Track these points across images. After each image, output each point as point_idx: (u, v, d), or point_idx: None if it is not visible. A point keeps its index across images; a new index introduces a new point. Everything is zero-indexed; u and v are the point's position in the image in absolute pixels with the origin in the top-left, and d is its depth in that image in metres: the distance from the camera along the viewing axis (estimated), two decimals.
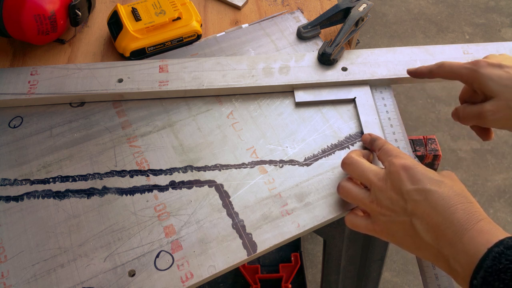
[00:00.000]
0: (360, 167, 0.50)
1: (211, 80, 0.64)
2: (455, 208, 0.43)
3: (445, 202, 0.44)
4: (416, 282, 1.37)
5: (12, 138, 0.61)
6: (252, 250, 0.51)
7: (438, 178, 0.46)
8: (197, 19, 0.71)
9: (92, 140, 0.60)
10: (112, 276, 0.49)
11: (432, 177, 0.46)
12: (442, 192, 0.44)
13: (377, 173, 0.49)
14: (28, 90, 0.63)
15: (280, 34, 0.72)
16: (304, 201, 0.55)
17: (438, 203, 0.44)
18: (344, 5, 0.69)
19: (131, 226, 0.53)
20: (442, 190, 0.45)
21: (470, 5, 2.11)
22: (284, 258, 1.27)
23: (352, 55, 0.67)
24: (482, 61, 0.53)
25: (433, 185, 0.45)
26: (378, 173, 0.49)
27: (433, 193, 0.44)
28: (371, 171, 0.49)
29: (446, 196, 0.44)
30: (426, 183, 0.45)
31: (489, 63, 0.52)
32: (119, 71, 0.65)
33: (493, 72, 0.51)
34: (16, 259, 0.51)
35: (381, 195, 0.47)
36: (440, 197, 0.44)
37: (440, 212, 0.43)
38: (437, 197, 0.44)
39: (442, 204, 0.44)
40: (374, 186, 0.48)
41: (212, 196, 0.55)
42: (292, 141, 0.60)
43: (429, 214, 0.44)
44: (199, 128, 0.61)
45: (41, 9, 0.63)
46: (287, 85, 0.64)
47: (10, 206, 0.55)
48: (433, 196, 0.44)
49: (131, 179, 0.57)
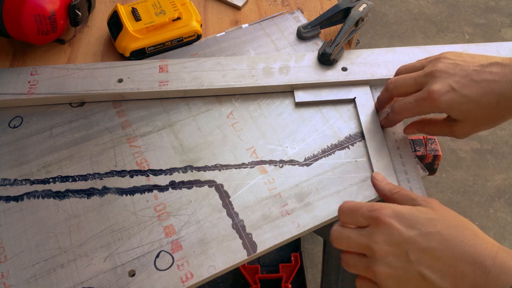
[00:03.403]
0: (346, 236, 0.45)
1: (211, 80, 0.64)
2: (464, 245, 0.40)
3: (449, 242, 0.40)
4: None
5: (12, 138, 0.61)
6: (252, 250, 0.51)
7: (430, 215, 0.42)
8: (197, 19, 0.71)
9: (92, 140, 0.60)
10: (112, 276, 0.49)
11: (422, 217, 0.42)
12: (442, 231, 0.41)
13: (362, 235, 0.44)
14: (28, 90, 0.63)
15: (280, 34, 0.72)
16: (304, 201, 0.55)
17: (443, 245, 0.40)
18: (344, 5, 0.69)
19: (131, 226, 0.53)
20: (439, 228, 0.41)
21: (470, 5, 2.11)
22: (284, 258, 1.27)
23: (352, 55, 0.67)
24: (436, 91, 0.49)
25: (429, 226, 0.41)
26: (364, 235, 0.44)
27: (434, 235, 0.41)
28: (359, 235, 0.44)
29: (447, 234, 0.40)
30: (422, 226, 0.41)
31: (440, 90, 0.49)
32: (119, 71, 0.65)
33: (450, 100, 0.49)
34: (16, 259, 0.51)
35: (378, 257, 0.42)
36: (443, 237, 0.40)
37: (450, 255, 0.40)
38: (438, 238, 0.40)
39: (448, 245, 0.40)
40: (367, 251, 0.44)
41: (212, 196, 0.55)
42: (292, 141, 0.60)
43: (438, 259, 0.40)
44: (199, 128, 0.61)
45: (41, 9, 0.63)
46: (287, 85, 0.64)
47: (10, 206, 0.55)
48: (434, 238, 0.41)
49: (131, 179, 0.57)
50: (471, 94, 0.48)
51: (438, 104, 0.49)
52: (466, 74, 0.49)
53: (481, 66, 0.49)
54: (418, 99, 0.51)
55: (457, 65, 0.50)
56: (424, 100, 0.50)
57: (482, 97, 0.48)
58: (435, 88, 0.49)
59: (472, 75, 0.49)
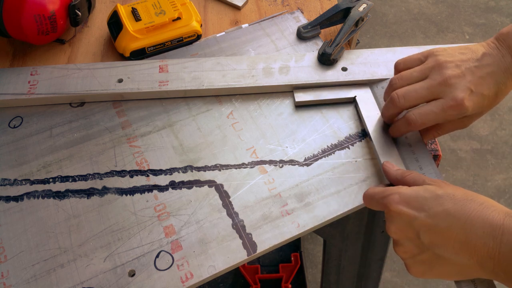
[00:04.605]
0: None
1: (211, 80, 0.64)
2: (471, 219, 0.41)
3: (457, 219, 0.42)
4: (416, 282, 1.37)
5: (12, 138, 0.61)
6: (252, 250, 0.51)
7: (436, 193, 0.44)
8: (197, 19, 0.71)
9: (92, 140, 0.60)
10: (112, 276, 0.49)
11: (428, 196, 0.44)
12: (449, 209, 0.42)
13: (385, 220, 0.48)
14: (28, 90, 0.63)
15: (280, 34, 0.72)
16: (304, 201, 0.55)
17: (451, 222, 0.42)
18: (344, 5, 0.69)
19: (131, 226, 0.53)
20: (446, 205, 0.43)
21: (470, 5, 2.11)
22: (284, 258, 1.27)
23: (352, 55, 0.67)
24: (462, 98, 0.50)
25: (436, 206, 0.43)
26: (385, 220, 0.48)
27: (441, 214, 0.43)
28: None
29: (454, 211, 0.42)
30: (429, 207, 0.43)
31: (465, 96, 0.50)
32: (119, 71, 0.65)
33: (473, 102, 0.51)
34: (16, 259, 0.51)
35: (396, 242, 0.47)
36: (450, 215, 0.42)
37: (460, 231, 0.41)
38: (446, 217, 0.42)
39: (456, 222, 0.42)
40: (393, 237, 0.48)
41: (212, 196, 0.55)
42: (292, 141, 0.60)
43: (449, 238, 0.42)
44: (199, 128, 0.61)
45: (41, 9, 0.63)
46: (287, 85, 0.64)
47: (10, 206, 0.55)
48: (442, 217, 0.42)
49: (131, 179, 0.57)
50: (484, 91, 0.51)
51: (465, 109, 0.51)
52: (472, 73, 0.51)
53: (478, 61, 0.52)
54: (445, 109, 0.51)
55: (459, 66, 0.52)
56: (452, 108, 0.51)
57: (490, 90, 0.51)
58: (460, 96, 0.50)
59: (477, 73, 0.51)
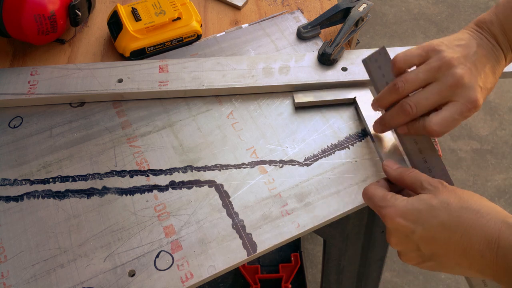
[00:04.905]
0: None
1: (211, 80, 0.64)
2: (467, 231, 0.42)
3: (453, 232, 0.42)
4: (416, 282, 1.37)
5: (12, 138, 0.61)
6: (252, 250, 0.51)
7: (431, 204, 0.44)
8: (197, 19, 0.71)
9: (92, 140, 0.60)
10: (112, 276, 0.49)
11: (423, 208, 0.44)
12: (444, 221, 0.43)
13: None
14: (28, 90, 0.63)
15: (280, 34, 0.72)
16: (304, 201, 0.55)
17: (448, 235, 0.43)
18: (344, 5, 0.69)
19: (131, 226, 0.53)
20: (441, 217, 0.43)
21: (470, 5, 2.11)
22: (284, 258, 1.27)
23: (352, 55, 0.67)
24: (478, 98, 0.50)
25: (430, 218, 0.43)
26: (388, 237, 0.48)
27: (437, 228, 0.43)
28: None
29: (449, 224, 0.43)
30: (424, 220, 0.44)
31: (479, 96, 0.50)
32: (119, 71, 0.65)
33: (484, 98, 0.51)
34: (16, 259, 0.51)
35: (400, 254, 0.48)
36: (446, 228, 0.43)
37: (458, 245, 0.42)
38: (442, 229, 0.43)
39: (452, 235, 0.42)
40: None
41: (212, 196, 0.55)
42: (292, 141, 0.60)
43: (447, 250, 0.43)
44: (199, 128, 0.61)
45: (41, 9, 0.63)
46: (287, 85, 0.64)
47: (10, 206, 0.55)
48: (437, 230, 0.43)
49: (131, 179, 0.57)
50: (489, 85, 0.52)
51: (479, 108, 0.51)
52: (476, 68, 0.51)
53: (476, 54, 0.52)
54: (463, 112, 0.51)
55: (463, 62, 0.51)
56: (471, 111, 0.51)
57: (492, 83, 0.52)
58: (475, 96, 0.50)
59: (480, 67, 0.51)
